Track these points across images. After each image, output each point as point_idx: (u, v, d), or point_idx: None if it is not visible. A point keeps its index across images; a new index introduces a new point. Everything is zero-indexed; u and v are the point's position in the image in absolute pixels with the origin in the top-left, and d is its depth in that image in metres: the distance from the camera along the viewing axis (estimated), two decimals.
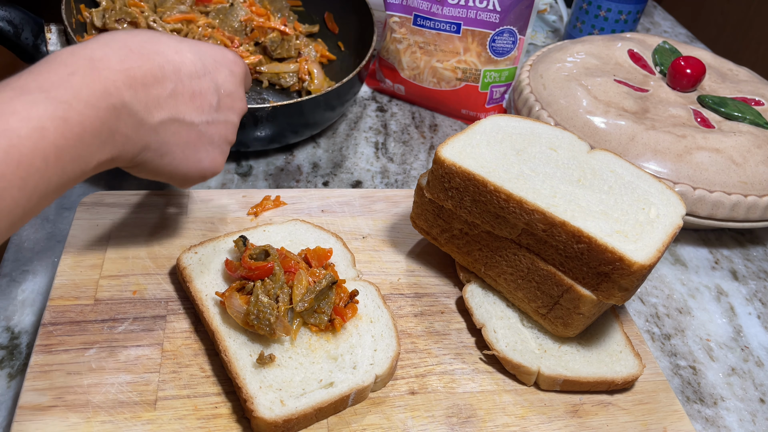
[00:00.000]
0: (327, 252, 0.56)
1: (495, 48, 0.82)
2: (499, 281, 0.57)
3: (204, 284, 0.54)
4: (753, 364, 0.61)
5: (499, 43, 0.81)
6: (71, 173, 0.38)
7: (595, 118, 0.73)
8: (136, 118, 0.42)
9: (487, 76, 0.84)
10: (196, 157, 0.49)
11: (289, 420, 0.45)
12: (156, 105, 0.43)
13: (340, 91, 0.73)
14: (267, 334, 0.49)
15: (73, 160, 0.38)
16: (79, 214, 0.61)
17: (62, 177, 0.37)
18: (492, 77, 0.84)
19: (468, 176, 0.53)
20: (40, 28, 0.66)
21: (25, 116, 0.35)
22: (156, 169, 0.47)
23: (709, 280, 0.70)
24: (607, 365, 0.54)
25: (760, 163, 0.70)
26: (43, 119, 0.35)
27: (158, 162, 0.46)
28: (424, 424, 0.49)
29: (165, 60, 0.44)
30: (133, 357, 0.50)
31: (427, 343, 0.55)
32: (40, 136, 0.35)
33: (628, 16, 1.01)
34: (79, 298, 0.53)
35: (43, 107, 0.36)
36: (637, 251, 0.49)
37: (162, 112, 0.44)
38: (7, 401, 0.49)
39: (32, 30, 0.66)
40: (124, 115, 0.41)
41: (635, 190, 0.54)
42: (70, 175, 0.38)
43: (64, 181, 0.38)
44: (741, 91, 0.82)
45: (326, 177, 0.76)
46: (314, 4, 0.92)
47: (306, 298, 0.51)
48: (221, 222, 0.63)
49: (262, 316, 0.49)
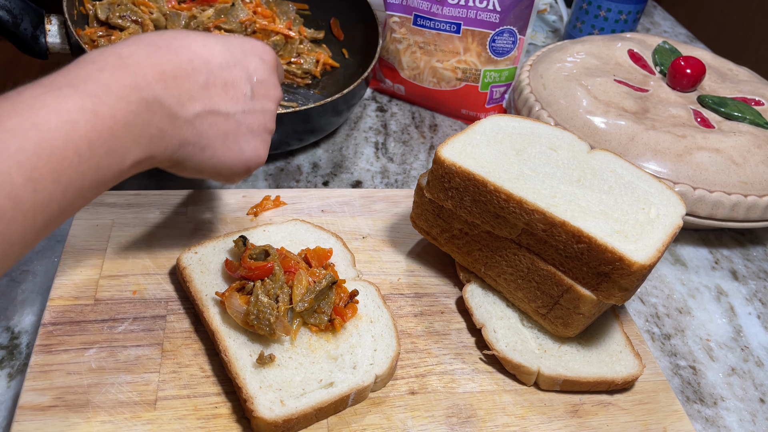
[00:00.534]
0: (327, 252, 0.56)
1: (495, 48, 0.82)
2: (499, 281, 0.57)
3: (204, 284, 0.54)
4: (753, 364, 0.61)
5: (499, 43, 0.81)
6: (107, 169, 0.38)
7: (595, 118, 0.73)
8: (170, 112, 0.42)
9: (487, 76, 0.84)
10: (238, 148, 0.48)
11: (289, 420, 0.45)
12: (189, 98, 0.43)
13: (347, 97, 0.73)
14: (267, 334, 0.49)
15: (108, 155, 0.38)
16: (79, 214, 0.61)
17: (97, 173, 0.37)
18: (492, 77, 0.84)
19: (468, 176, 0.53)
20: (40, 18, 0.66)
21: (55, 109, 0.35)
22: (199, 164, 0.46)
23: (709, 280, 0.70)
24: (607, 365, 0.54)
25: (760, 163, 0.70)
26: (72, 112, 0.35)
27: (200, 156, 0.46)
28: (424, 424, 0.49)
29: (194, 54, 0.44)
30: (133, 357, 0.50)
31: (427, 343, 0.55)
32: (71, 128, 0.35)
33: (628, 16, 1.01)
34: (79, 298, 0.53)
35: (72, 101, 0.36)
36: (637, 251, 0.49)
37: (196, 104, 0.44)
38: (7, 401, 0.49)
39: (32, 20, 0.65)
40: (156, 108, 0.40)
41: (635, 190, 0.54)
42: (106, 171, 0.38)
43: (99, 178, 0.38)
44: (741, 91, 0.82)
45: (326, 177, 0.76)
46: (321, 8, 0.91)
47: (306, 298, 0.51)
48: (221, 222, 0.63)
49: (261, 316, 0.49)
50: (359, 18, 0.86)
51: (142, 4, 0.79)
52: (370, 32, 0.83)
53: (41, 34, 0.65)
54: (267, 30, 0.81)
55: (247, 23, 0.80)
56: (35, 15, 0.65)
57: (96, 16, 0.77)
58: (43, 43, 0.65)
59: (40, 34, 0.65)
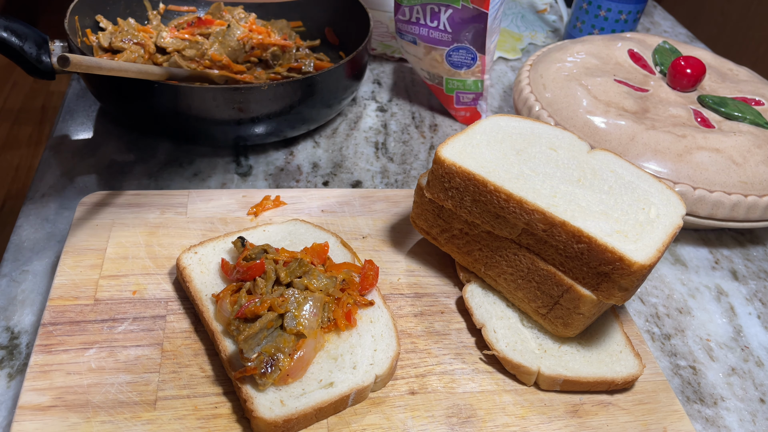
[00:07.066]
0: (324, 246, 0.56)
1: (452, 62, 0.81)
2: (499, 281, 0.57)
3: (204, 284, 0.54)
4: (753, 364, 0.61)
5: (456, 58, 0.81)
6: None
7: (595, 118, 0.73)
8: None
9: (450, 83, 0.85)
10: None
11: (289, 420, 0.45)
12: None
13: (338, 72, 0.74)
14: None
15: None
16: (79, 214, 0.61)
17: None
18: (455, 84, 0.85)
19: (468, 176, 0.53)
20: (45, 41, 0.67)
21: None
22: None
23: (709, 280, 0.70)
24: (607, 365, 0.54)
25: (760, 163, 0.70)
26: None
27: None
28: (424, 424, 0.49)
29: None
30: (133, 357, 0.50)
31: (427, 343, 0.55)
32: None
33: (628, 16, 1.01)
34: (79, 298, 0.53)
35: None
36: (637, 251, 0.49)
37: None
38: (7, 401, 0.49)
39: (36, 42, 0.66)
40: None
41: (635, 190, 0.54)
42: None
43: None
44: (741, 91, 0.82)
45: (326, 177, 0.76)
46: (314, 21, 0.93)
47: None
48: (221, 222, 0.63)
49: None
50: (352, 18, 0.87)
51: (144, 32, 0.80)
52: (362, 29, 0.83)
53: (45, 53, 0.66)
54: (264, 44, 0.82)
55: (245, 39, 0.81)
56: (39, 38, 0.66)
57: (100, 45, 0.79)
58: (48, 62, 0.66)
59: (44, 53, 0.66)
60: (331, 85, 0.74)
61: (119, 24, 0.82)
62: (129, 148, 0.76)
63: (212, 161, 0.76)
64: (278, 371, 0.46)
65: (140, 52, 0.79)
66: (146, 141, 0.77)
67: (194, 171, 0.74)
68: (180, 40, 0.80)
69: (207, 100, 0.67)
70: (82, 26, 0.79)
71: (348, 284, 0.54)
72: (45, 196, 0.67)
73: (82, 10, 0.79)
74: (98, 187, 0.69)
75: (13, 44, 0.64)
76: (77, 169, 0.72)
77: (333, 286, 0.52)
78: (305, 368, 0.48)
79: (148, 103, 0.69)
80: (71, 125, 0.79)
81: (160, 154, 0.76)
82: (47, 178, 0.70)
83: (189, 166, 0.74)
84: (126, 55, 0.77)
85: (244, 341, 0.46)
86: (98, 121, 0.80)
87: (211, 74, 0.76)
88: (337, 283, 0.53)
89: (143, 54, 0.79)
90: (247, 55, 0.82)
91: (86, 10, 0.80)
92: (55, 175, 0.70)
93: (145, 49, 0.79)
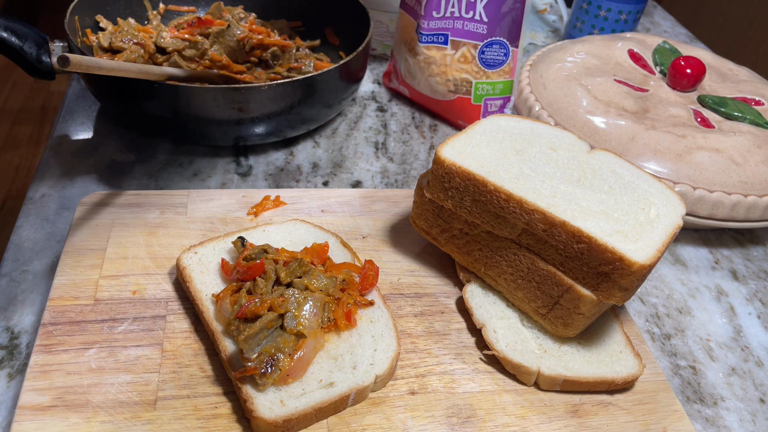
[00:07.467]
0: (324, 246, 0.56)
1: (485, 60, 0.81)
2: (499, 281, 0.57)
3: (204, 284, 0.54)
4: (753, 364, 0.61)
5: (489, 55, 0.81)
6: None
7: (595, 118, 0.73)
8: None
9: (479, 88, 0.83)
10: None
11: (289, 420, 0.45)
12: None
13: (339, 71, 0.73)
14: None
15: None
16: (79, 214, 0.61)
17: None
18: (485, 89, 0.83)
19: (468, 176, 0.53)
20: (45, 41, 0.67)
21: None
22: None
23: (709, 280, 0.70)
24: (607, 365, 0.54)
25: (760, 163, 0.70)
26: None
27: None
28: (424, 424, 0.49)
29: None
30: (133, 357, 0.50)
31: (427, 343, 0.55)
32: None
33: (628, 16, 1.01)
34: (79, 298, 0.53)
35: None
36: (637, 251, 0.49)
37: None
38: (7, 401, 0.49)
39: (36, 42, 0.66)
40: None
41: (635, 190, 0.54)
42: None
43: None
44: (741, 91, 0.82)
45: (326, 177, 0.76)
46: (314, 21, 0.93)
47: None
48: (221, 222, 0.63)
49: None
50: (352, 19, 0.87)
51: (144, 31, 0.80)
52: (362, 29, 0.83)
53: (45, 53, 0.66)
54: (264, 44, 0.82)
55: (245, 39, 0.81)
56: (39, 38, 0.66)
57: (100, 45, 0.79)
58: (48, 62, 0.66)
59: (44, 53, 0.66)
60: (331, 85, 0.75)
61: (119, 24, 0.82)
62: (129, 148, 0.76)
63: (212, 161, 0.76)
64: (278, 371, 0.46)
65: (140, 52, 0.79)
66: (146, 141, 0.77)
67: (194, 171, 0.74)
68: (180, 40, 0.80)
69: (207, 100, 0.67)
70: (82, 26, 0.79)
71: (348, 284, 0.54)
72: (45, 196, 0.67)
73: (82, 10, 0.79)
74: (98, 187, 0.69)
75: (13, 44, 0.64)
76: (77, 169, 0.72)
77: (333, 286, 0.53)
78: (305, 368, 0.48)
79: (148, 103, 0.69)
80: (71, 125, 0.79)
81: (160, 154, 0.76)
82: (47, 178, 0.70)
83: (189, 166, 0.74)
84: (126, 55, 0.77)
85: (244, 341, 0.46)
86: (98, 121, 0.80)
87: (211, 74, 0.76)
88: (337, 283, 0.53)
89: (143, 54, 0.79)
90: (247, 55, 0.82)
91: (86, 10, 0.80)
92: (55, 175, 0.70)
93: (145, 49, 0.79)
